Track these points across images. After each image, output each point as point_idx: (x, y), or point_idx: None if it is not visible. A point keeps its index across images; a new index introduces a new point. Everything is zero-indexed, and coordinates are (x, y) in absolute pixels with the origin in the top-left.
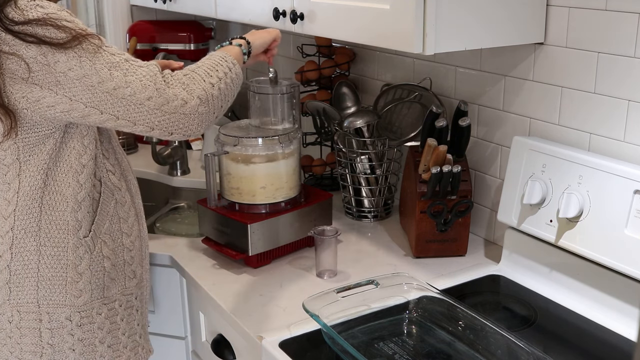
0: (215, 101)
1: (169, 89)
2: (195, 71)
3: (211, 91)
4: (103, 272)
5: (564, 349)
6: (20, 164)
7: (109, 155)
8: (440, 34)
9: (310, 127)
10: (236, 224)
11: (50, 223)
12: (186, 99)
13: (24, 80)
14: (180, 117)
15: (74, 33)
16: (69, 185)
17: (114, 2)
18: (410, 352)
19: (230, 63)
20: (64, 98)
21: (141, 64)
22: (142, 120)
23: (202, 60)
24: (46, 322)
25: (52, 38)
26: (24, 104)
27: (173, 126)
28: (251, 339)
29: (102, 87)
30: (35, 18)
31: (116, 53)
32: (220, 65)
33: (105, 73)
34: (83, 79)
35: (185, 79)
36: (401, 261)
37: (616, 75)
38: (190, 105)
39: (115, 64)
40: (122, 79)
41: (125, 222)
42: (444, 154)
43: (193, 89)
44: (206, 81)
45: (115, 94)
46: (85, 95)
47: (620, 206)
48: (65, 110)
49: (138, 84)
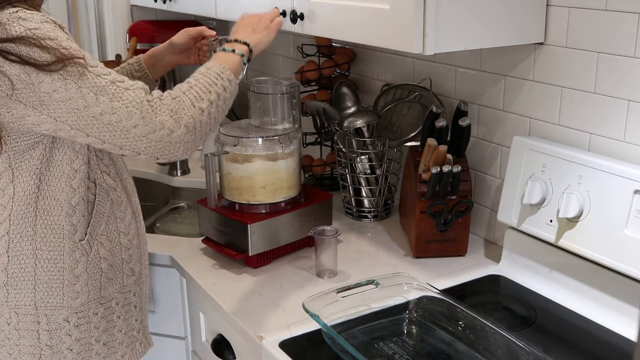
0: (204, 127)
1: (156, 116)
2: (186, 94)
3: (200, 118)
4: (100, 273)
5: (564, 349)
6: (13, 170)
7: (102, 156)
8: (440, 34)
9: (310, 127)
10: (236, 224)
11: (45, 227)
12: (172, 128)
13: (7, 96)
14: (165, 145)
15: (58, 54)
16: (62, 190)
17: (114, 2)
18: (410, 352)
19: (226, 81)
20: (48, 118)
21: (127, 86)
22: (128, 145)
23: (198, 76)
24: (44, 324)
25: (35, 59)
26: (9, 119)
27: (158, 152)
28: (251, 339)
29: (88, 111)
30: (17, 35)
31: (101, 74)
32: (214, 85)
33: (91, 98)
34: (68, 101)
35: (174, 104)
36: (401, 261)
37: (616, 75)
38: (176, 134)
39: (101, 88)
40: (108, 105)
41: (122, 221)
42: (444, 154)
43: (181, 116)
44: (196, 107)
45: (101, 120)
46: (71, 118)
47: (620, 206)
48: (51, 130)
49: (124, 110)
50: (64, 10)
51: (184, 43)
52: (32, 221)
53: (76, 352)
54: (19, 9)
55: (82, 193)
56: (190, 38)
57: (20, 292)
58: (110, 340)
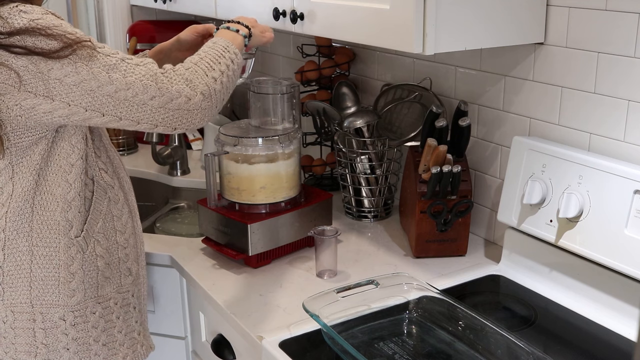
0: (218, 95)
1: (172, 86)
2: (198, 64)
3: (214, 86)
4: (96, 272)
5: (564, 349)
6: (13, 167)
7: (100, 154)
8: (440, 34)
9: (310, 127)
10: (236, 224)
11: (41, 223)
12: (189, 96)
13: (15, 88)
14: (184, 113)
15: (65, 39)
16: (58, 185)
17: (114, 2)
18: (410, 352)
19: (233, 53)
20: (61, 104)
21: (137, 62)
22: (146, 118)
23: (206, 49)
24: (40, 322)
25: (42, 48)
26: (17, 112)
27: (176, 122)
28: (251, 339)
29: (102, 90)
30: (21, 27)
31: (110, 54)
32: (223, 57)
33: (103, 77)
34: (81, 84)
35: (188, 73)
36: (401, 261)
37: (616, 75)
38: (194, 101)
39: (112, 66)
40: (122, 81)
41: (119, 219)
42: (444, 154)
43: (196, 84)
44: (209, 75)
45: (116, 97)
46: (85, 100)
47: (620, 206)
48: (64, 115)
49: (139, 84)
50: (64, 10)
51: (191, 40)
52: (28, 217)
53: (73, 352)
54: (19, 3)
55: (77, 188)
56: (197, 35)
57: (16, 290)
58: (110, 341)
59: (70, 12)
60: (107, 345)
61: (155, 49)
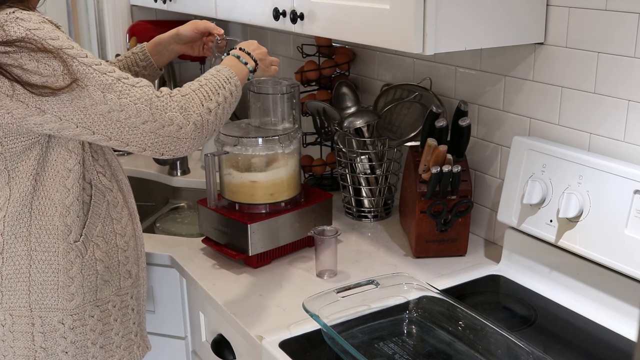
0: (210, 126)
1: (165, 112)
2: (195, 92)
3: (207, 117)
4: (95, 275)
5: (564, 349)
6: (9, 172)
7: (98, 157)
8: (440, 34)
9: (310, 127)
10: (236, 224)
11: (40, 228)
12: (182, 124)
13: (7, 97)
14: (173, 140)
15: (62, 55)
16: (56, 190)
17: (114, 2)
18: (410, 352)
19: (234, 86)
20: (53, 117)
21: (133, 83)
22: (135, 141)
23: (208, 76)
24: (38, 326)
25: (41, 73)
26: (8, 119)
27: (165, 148)
28: (251, 339)
29: (95, 109)
30: (18, 37)
31: (107, 72)
32: (223, 88)
33: (98, 96)
34: (74, 101)
35: (184, 101)
36: (401, 261)
37: (616, 75)
38: (185, 130)
39: (107, 86)
40: (116, 102)
41: (119, 222)
42: (444, 154)
43: (190, 113)
44: (204, 106)
45: (109, 117)
46: (77, 116)
47: (620, 206)
48: (55, 129)
49: (132, 107)
50: (64, 10)
51: (191, 36)
52: (26, 222)
53: (71, 355)
54: (16, 9)
55: (76, 193)
56: (197, 32)
57: (15, 294)
58: (107, 343)
59: (70, 12)
60: (104, 347)
61: (154, 40)
